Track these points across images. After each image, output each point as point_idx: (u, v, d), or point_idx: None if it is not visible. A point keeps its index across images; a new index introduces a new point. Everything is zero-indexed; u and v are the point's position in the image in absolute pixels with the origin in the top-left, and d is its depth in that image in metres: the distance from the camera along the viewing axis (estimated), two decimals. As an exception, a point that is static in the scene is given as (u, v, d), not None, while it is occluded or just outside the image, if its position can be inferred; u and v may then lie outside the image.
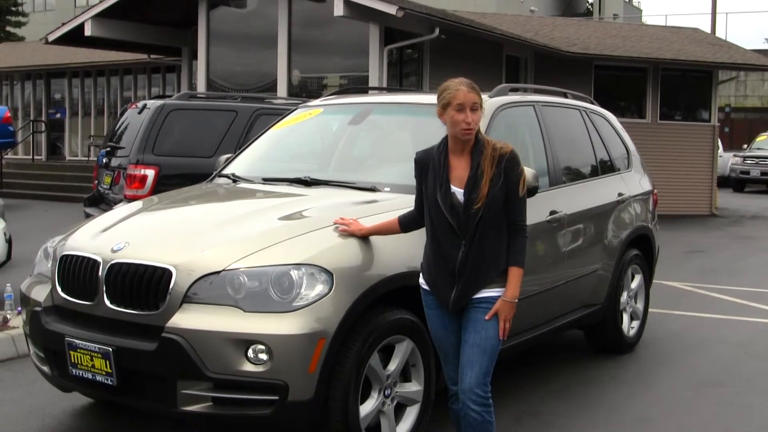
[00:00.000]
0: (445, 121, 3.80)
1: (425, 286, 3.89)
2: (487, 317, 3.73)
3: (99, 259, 4.17)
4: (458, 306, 3.78)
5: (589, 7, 47.62)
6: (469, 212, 3.68)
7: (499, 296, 3.76)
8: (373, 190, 4.84)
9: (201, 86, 16.51)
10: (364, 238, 4.15)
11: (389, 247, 4.21)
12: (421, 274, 3.92)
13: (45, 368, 4.49)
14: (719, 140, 21.00)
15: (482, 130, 5.02)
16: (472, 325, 3.76)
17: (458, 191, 3.73)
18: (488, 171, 3.70)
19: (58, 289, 4.36)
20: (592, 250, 6.04)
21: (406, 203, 4.18)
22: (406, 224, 4.12)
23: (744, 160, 26.67)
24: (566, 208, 5.64)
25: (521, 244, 3.80)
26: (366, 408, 4.10)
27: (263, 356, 3.79)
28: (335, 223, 4.18)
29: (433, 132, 4.24)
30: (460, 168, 3.77)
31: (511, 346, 5.19)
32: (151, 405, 4.11)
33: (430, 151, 3.88)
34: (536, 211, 5.33)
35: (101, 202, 9.27)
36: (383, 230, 4.17)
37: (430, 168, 3.83)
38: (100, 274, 4.13)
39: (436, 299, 3.85)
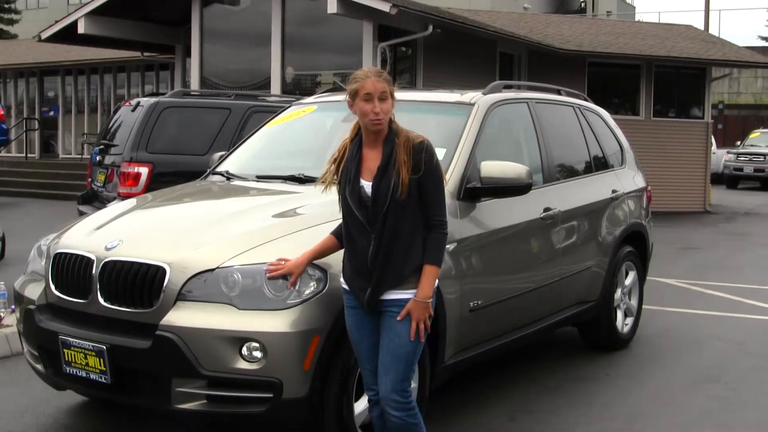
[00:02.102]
0: (355, 111, 3.66)
1: (344, 285, 3.73)
2: (399, 318, 3.54)
3: (93, 257, 4.17)
4: (373, 306, 3.60)
5: (583, 4, 47.66)
6: (377, 204, 3.52)
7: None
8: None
9: (195, 84, 16.49)
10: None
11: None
12: (342, 274, 3.75)
13: (39, 366, 4.48)
14: (713, 137, 21.03)
15: (476, 127, 5.09)
16: (386, 331, 3.58)
17: (366, 184, 3.59)
18: (403, 158, 3.51)
19: (52, 287, 4.35)
20: (586, 247, 6.04)
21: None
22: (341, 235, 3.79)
23: (737, 156, 26.73)
24: (560, 205, 5.65)
25: (438, 241, 3.59)
26: (360, 406, 4.09)
27: (257, 354, 3.78)
28: (266, 271, 3.88)
29: (428, 129, 4.23)
30: (371, 160, 3.61)
31: (505, 343, 5.20)
32: (145, 403, 4.11)
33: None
34: (530, 208, 5.35)
35: (95, 200, 9.25)
36: (323, 252, 3.87)
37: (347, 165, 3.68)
38: (93, 272, 4.12)
39: (354, 299, 3.68)
